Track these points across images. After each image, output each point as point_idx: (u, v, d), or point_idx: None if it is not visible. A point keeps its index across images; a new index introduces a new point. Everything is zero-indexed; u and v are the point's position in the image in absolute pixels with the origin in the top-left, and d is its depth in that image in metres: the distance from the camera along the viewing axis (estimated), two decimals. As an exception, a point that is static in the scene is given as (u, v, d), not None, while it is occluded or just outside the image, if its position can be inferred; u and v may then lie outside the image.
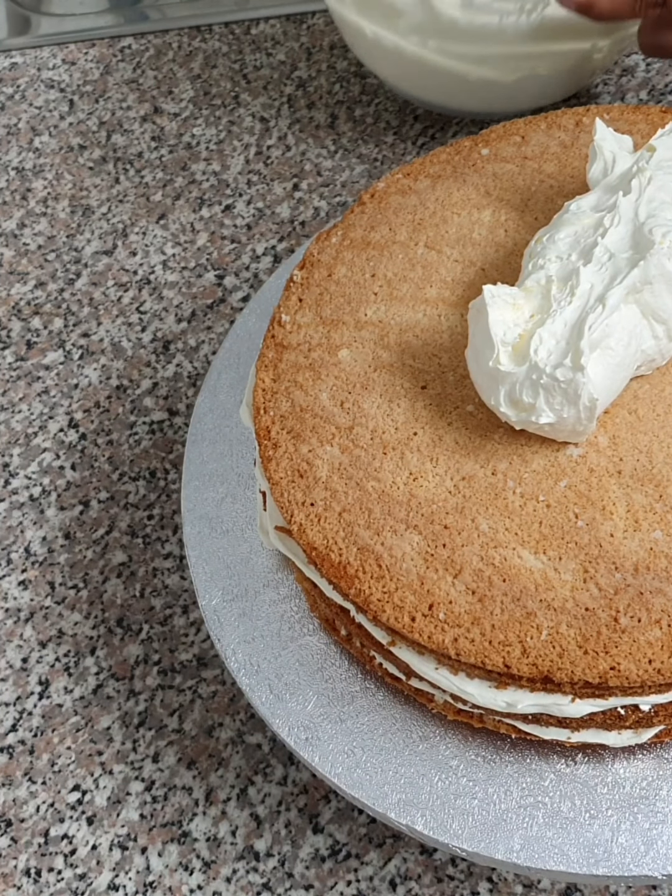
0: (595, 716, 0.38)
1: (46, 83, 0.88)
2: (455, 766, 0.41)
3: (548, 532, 0.39)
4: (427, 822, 0.40)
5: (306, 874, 0.49)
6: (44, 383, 0.69)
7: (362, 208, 0.51)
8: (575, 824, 0.39)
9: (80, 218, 0.78)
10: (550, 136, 0.52)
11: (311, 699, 0.44)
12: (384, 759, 0.42)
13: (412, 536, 0.40)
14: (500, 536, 0.39)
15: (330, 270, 0.49)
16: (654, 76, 0.76)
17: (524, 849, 0.39)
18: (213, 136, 0.81)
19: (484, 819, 0.40)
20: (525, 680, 0.37)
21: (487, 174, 0.51)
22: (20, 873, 0.51)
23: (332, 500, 0.41)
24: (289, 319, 0.48)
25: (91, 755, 0.53)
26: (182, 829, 0.51)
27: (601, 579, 0.37)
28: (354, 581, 0.39)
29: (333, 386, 0.45)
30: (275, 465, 0.43)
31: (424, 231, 0.49)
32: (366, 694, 0.44)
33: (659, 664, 0.36)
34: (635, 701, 0.37)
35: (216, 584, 0.48)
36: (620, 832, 0.39)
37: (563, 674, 0.36)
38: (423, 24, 0.65)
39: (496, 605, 0.38)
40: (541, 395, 0.38)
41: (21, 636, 0.58)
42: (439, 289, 0.47)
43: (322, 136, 0.79)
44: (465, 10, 0.62)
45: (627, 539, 0.38)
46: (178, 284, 0.72)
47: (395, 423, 0.43)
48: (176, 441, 0.64)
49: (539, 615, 0.37)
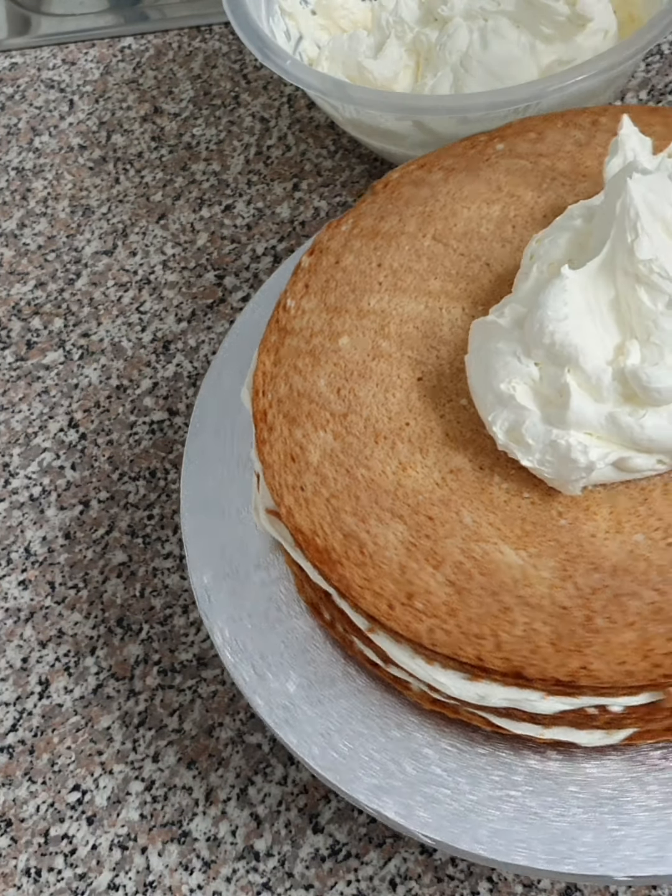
0: (566, 714, 0.38)
1: (46, 83, 0.88)
2: (428, 754, 0.41)
3: (530, 529, 0.39)
4: (396, 809, 0.40)
5: (306, 874, 0.49)
6: (44, 383, 0.69)
7: (374, 198, 0.51)
8: (542, 820, 0.39)
9: (80, 218, 0.78)
10: (566, 134, 0.51)
11: (292, 680, 0.44)
12: (359, 743, 0.42)
13: (396, 526, 0.40)
14: (482, 530, 0.39)
15: (338, 258, 0.49)
16: (653, 76, 0.76)
17: (490, 841, 0.39)
18: (213, 136, 0.81)
19: (452, 809, 0.40)
20: (497, 674, 0.37)
21: (500, 169, 0.50)
22: (20, 873, 0.51)
23: (321, 486, 0.42)
24: (294, 304, 0.48)
25: (91, 755, 0.53)
26: (182, 828, 0.51)
27: (579, 579, 0.37)
28: (337, 566, 0.40)
29: (331, 373, 0.45)
30: (269, 448, 0.43)
31: (433, 223, 0.49)
32: (346, 678, 0.44)
33: (630, 666, 0.36)
34: (606, 702, 0.37)
35: (208, 563, 0.48)
36: (586, 831, 0.39)
37: (534, 670, 0.36)
38: (425, 140, 0.65)
39: (474, 598, 0.38)
40: (541, 444, 0.38)
41: (21, 636, 0.58)
42: (443, 281, 0.47)
43: (322, 136, 0.79)
44: (461, 125, 0.62)
45: (609, 540, 0.38)
46: (178, 284, 0.72)
47: (389, 413, 0.43)
48: (176, 441, 0.64)
49: (515, 611, 0.37)
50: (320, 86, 0.63)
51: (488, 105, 0.60)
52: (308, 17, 0.73)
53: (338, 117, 0.69)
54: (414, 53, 0.70)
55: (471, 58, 0.65)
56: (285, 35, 0.71)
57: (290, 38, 0.72)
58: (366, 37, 0.70)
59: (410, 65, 0.70)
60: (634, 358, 0.37)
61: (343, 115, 0.67)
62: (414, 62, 0.70)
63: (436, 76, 0.67)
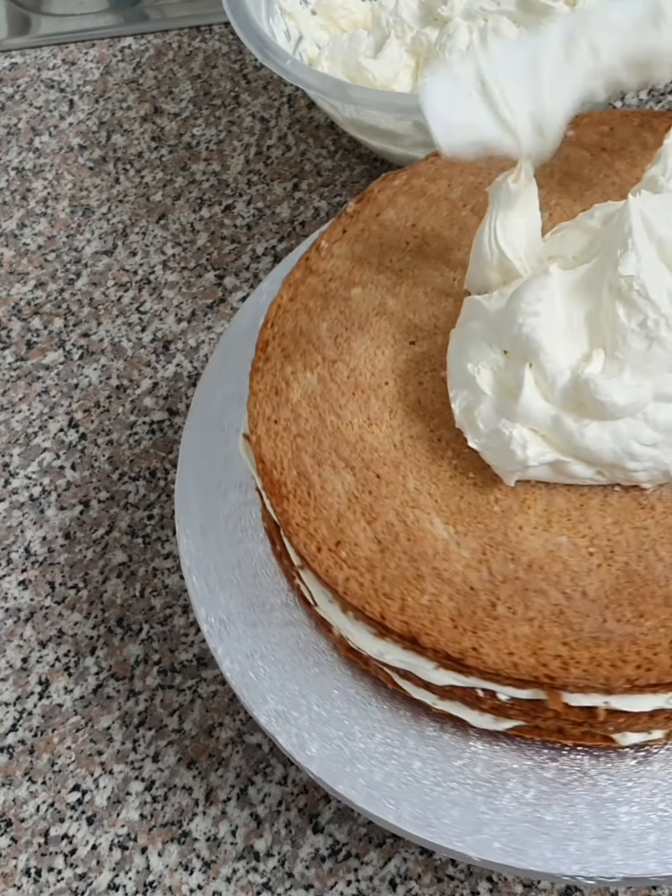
0: (456, 689, 0.39)
1: (46, 83, 0.88)
2: (334, 696, 0.43)
3: (465, 507, 0.40)
4: (290, 739, 0.42)
5: (306, 874, 0.49)
6: (44, 383, 0.69)
7: (435, 159, 0.52)
8: (419, 785, 0.40)
9: (80, 218, 0.78)
10: (637, 134, 0.51)
11: (235, 598, 0.46)
12: (276, 670, 0.44)
13: (346, 476, 0.42)
14: (421, 499, 0.40)
15: (380, 210, 0.50)
16: (654, 76, 0.76)
17: (365, 790, 0.41)
18: (213, 136, 0.81)
19: (340, 752, 0.42)
20: (396, 635, 0.38)
21: (560, 155, 0.50)
22: (20, 873, 0.51)
23: (293, 423, 0.44)
24: (326, 247, 0.49)
25: (91, 755, 0.53)
26: (182, 828, 0.51)
27: (495, 565, 0.38)
28: (283, 501, 0.42)
29: (335, 319, 0.46)
30: (259, 377, 0.45)
31: (476, 196, 0.50)
32: (284, 609, 0.46)
33: (517, 659, 0.37)
34: (493, 687, 0.38)
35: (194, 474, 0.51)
36: (457, 807, 0.40)
37: (428, 640, 0.38)
38: (425, 140, 0.65)
39: (394, 559, 0.39)
40: (488, 430, 0.38)
41: (21, 636, 0.58)
42: (465, 254, 0.47)
43: (322, 136, 0.79)
44: None
45: (534, 536, 0.39)
46: (178, 284, 0.72)
47: (374, 369, 0.45)
48: (176, 441, 0.64)
49: (427, 580, 0.38)
50: (320, 86, 0.63)
51: None
52: (308, 17, 0.73)
53: (338, 117, 0.69)
54: (414, 53, 0.70)
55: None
56: (285, 35, 0.71)
57: (290, 38, 0.72)
58: (366, 37, 0.70)
59: (410, 65, 0.70)
60: (595, 368, 0.37)
61: (343, 115, 0.67)
62: (414, 62, 0.70)
63: (436, 76, 0.67)
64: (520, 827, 0.39)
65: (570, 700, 0.37)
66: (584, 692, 0.37)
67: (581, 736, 0.40)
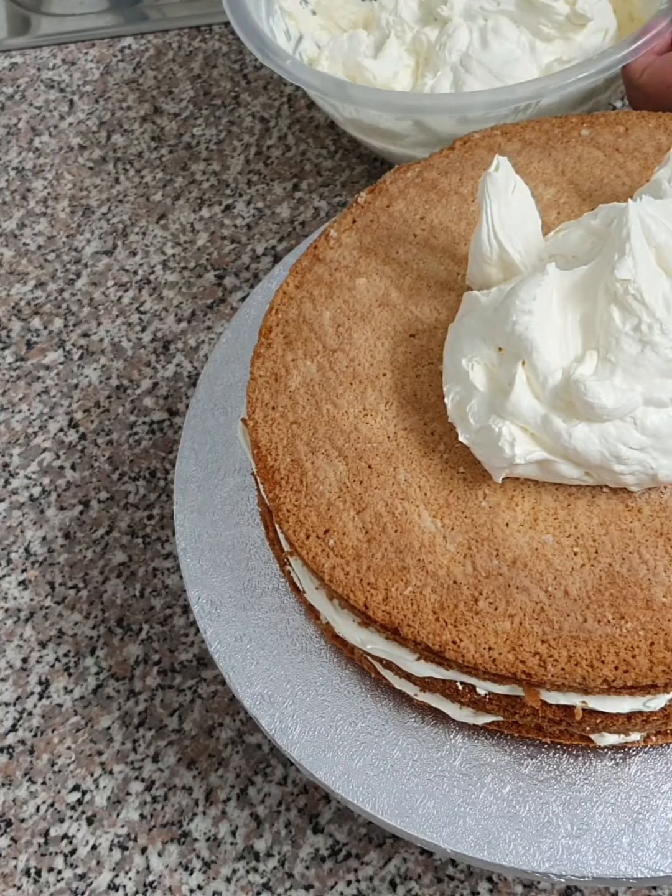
0: (436, 682, 0.40)
1: (46, 83, 0.88)
2: (318, 683, 0.44)
3: (453, 502, 0.40)
4: (273, 723, 0.43)
5: (306, 874, 0.49)
6: (44, 383, 0.69)
7: (449, 152, 0.52)
8: (397, 775, 0.41)
9: (80, 218, 0.78)
10: (652, 135, 0.51)
11: (228, 581, 0.47)
12: (263, 654, 0.45)
13: (339, 465, 0.42)
14: (410, 491, 0.41)
15: (390, 201, 0.50)
16: (654, 76, 0.76)
17: (343, 777, 0.41)
18: (213, 136, 0.81)
19: (321, 739, 0.42)
20: (378, 625, 0.39)
21: (573, 154, 0.51)
22: (20, 873, 0.51)
23: (290, 410, 0.44)
24: (335, 236, 0.50)
25: (91, 755, 0.53)
26: (182, 829, 0.51)
27: (479, 560, 0.39)
28: (276, 487, 0.42)
29: (339, 308, 0.47)
30: (260, 363, 0.46)
31: None
32: (274, 593, 0.47)
33: (496, 654, 0.37)
34: (472, 681, 0.39)
35: (195, 455, 0.51)
36: (432, 798, 0.40)
37: (409, 631, 0.38)
38: (425, 140, 0.66)
39: (380, 550, 0.40)
40: (478, 425, 0.38)
41: (21, 636, 0.58)
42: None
43: (322, 136, 0.79)
44: (461, 124, 0.62)
45: (520, 533, 0.39)
46: (178, 284, 0.72)
47: (372, 360, 0.45)
48: (176, 441, 0.64)
49: (412, 572, 0.39)
50: (320, 86, 0.63)
51: (488, 104, 0.60)
52: (308, 17, 0.73)
53: (338, 117, 0.69)
54: (414, 53, 0.70)
55: (471, 57, 0.65)
56: (285, 35, 0.71)
57: (290, 38, 0.72)
58: (366, 37, 0.70)
59: (410, 64, 0.70)
60: (586, 369, 0.37)
61: (343, 115, 0.67)
62: (414, 62, 0.70)
63: (436, 76, 0.67)
64: (494, 822, 0.39)
65: (548, 698, 0.38)
66: (562, 690, 0.37)
67: (559, 734, 0.40)
